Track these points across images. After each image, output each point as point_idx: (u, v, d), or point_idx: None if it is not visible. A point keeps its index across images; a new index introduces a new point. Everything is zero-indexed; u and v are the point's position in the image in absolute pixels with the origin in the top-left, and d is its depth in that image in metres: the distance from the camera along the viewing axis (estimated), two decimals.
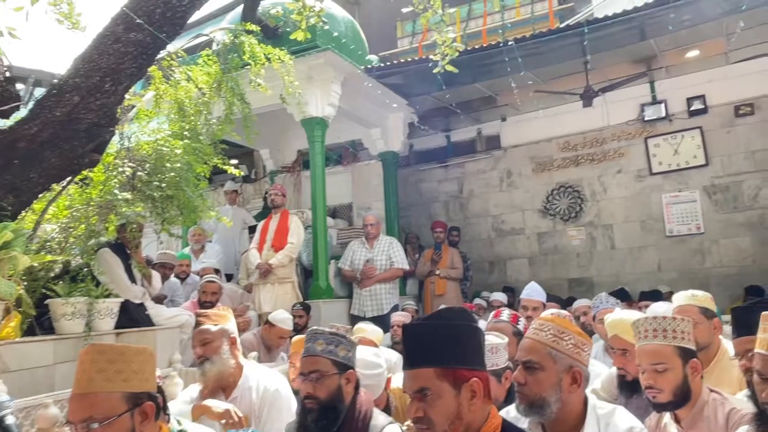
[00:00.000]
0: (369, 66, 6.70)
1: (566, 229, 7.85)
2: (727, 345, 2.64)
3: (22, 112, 3.92)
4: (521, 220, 8.18)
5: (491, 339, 2.27)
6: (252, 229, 6.53)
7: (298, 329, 4.56)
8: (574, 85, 6.78)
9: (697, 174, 7.19)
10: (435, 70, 4.65)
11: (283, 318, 4.36)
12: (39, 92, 4.01)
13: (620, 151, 7.61)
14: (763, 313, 1.56)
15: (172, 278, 5.23)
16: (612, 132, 7.66)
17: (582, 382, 1.80)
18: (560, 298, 5.19)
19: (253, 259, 5.79)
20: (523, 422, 1.86)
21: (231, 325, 2.67)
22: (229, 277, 6.34)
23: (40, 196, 3.90)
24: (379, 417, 2.00)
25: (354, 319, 5.99)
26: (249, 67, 4.92)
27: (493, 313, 3.03)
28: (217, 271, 5.88)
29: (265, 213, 6.81)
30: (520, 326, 2.86)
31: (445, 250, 7.20)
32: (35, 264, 3.52)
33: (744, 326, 2.07)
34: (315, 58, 5.93)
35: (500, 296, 6.33)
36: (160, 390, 2.09)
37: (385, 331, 4.32)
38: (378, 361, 2.48)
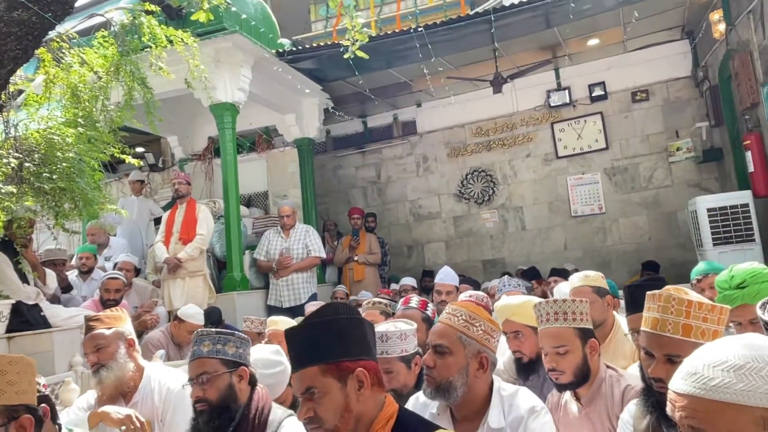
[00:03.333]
0: (280, 50, 6.53)
1: (480, 212, 8.09)
2: (621, 320, 2.81)
3: None
4: (437, 204, 8.33)
5: (400, 326, 2.28)
6: (158, 221, 6.23)
7: None
8: (484, 71, 6.93)
9: (598, 157, 7.60)
10: (345, 56, 4.58)
11: (192, 313, 4.20)
12: None
13: (529, 136, 7.90)
14: (648, 292, 1.64)
15: (71, 275, 4.89)
16: (521, 117, 7.94)
17: (489, 367, 1.85)
18: (475, 280, 5.33)
19: (160, 253, 5.52)
20: (432, 406, 1.89)
21: (127, 326, 2.53)
22: (136, 272, 6.02)
23: None
24: (277, 411, 1.97)
25: (271, 310, 5.88)
26: (150, 49, 4.65)
27: (402, 300, 3.05)
28: (137, 270, 5.57)
29: (172, 203, 6.52)
30: (429, 312, 2.90)
31: (362, 236, 7.21)
32: None
33: (636, 303, 2.19)
34: (222, 40, 5.69)
35: (410, 281, 6.42)
36: (46, 399, 1.94)
37: None
38: (279, 359, 2.43)
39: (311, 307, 4.67)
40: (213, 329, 2.05)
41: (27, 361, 1.46)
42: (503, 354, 2.60)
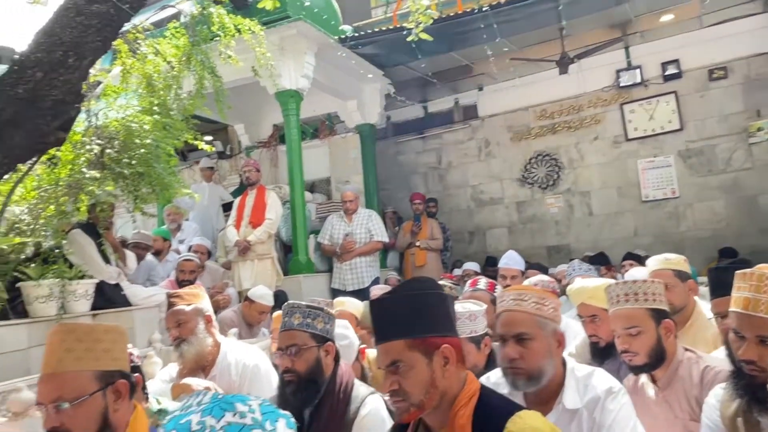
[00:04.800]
0: (343, 36, 6.57)
1: (544, 197, 7.90)
2: (702, 305, 2.68)
3: None
4: (500, 189, 8.20)
5: (469, 306, 2.26)
6: (227, 207, 6.43)
7: None
8: (549, 52, 6.74)
9: (672, 139, 7.25)
10: (409, 38, 4.55)
11: (262, 294, 4.33)
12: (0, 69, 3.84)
13: (596, 118, 7.63)
14: (738, 272, 1.57)
15: (149, 257, 5.15)
16: (588, 99, 7.67)
17: (564, 344, 1.81)
18: (541, 265, 5.22)
19: (231, 236, 5.72)
20: (504, 386, 1.87)
21: (205, 303, 2.63)
22: (208, 255, 6.26)
23: (6, 177, 3.77)
24: (360, 388, 2.00)
25: (335, 293, 5.98)
26: (219, 39, 4.78)
27: (470, 281, 3.03)
28: (209, 253, 5.81)
29: (241, 189, 6.72)
30: (497, 294, 2.86)
31: (424, 221, 7.20)
32: (4, 246, 3.43)
33: (721, 287, 2.09)
34: (287, 28, 5.79)
35: (473, 266, 6.36)
36: (138, 369, 2.06)
37: None
38: (346, 333, 2.47)
39: (376, 290, 4.72)
40: (303, 302, 2.08)
41: (120, 330, 1.55)
42: (575, 337, 2.54)
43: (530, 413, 1.37)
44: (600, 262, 5.68)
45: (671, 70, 7.24)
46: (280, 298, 4.82)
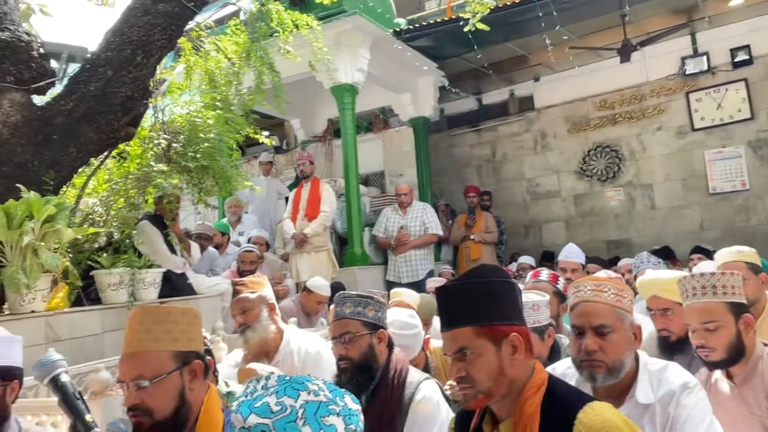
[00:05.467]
0: (397, 29, 6.57)
1: (604, 190, 7.67)
2: None
3: (58, 89, 3.98)
4: (557, 182, 8.02)
5: (532, 297, 2.23)
6: (286, 200, 6.56)
7: None
8: (610, 40, 6.53)
9: (741, 128, 6.90)
10: (466, 28, 4.52)
11: (320, 284, 4.40)
12: (72, 68, 4.05)
13: (660, 108, 7.34)
14: None
15: (211, 248, 5.32)
16: (651, 88, 7.39)
17: (640, 337, 1.76)
18: (601, 258, 5.08)
19: (288, 229, 5.84)
20: (571, 378, 1.83)
21: (268, 291, 2.70)
22: (267, 247, 6.42)
23: (80, 170, 3.98)
24: (414, 374, 2.01)
25: (390, 285, 6.01)
26: (277, 35, 4.88)
27: (531, 273, 2.98)
28: (267, 244, 5.95)
29: (297, 183, 6.84)
30: (560, 286, 2.81)
31: (478, 214, 7.13)
32: (79, 236, 3.61)
33: None
34: (343, 23, 5.84)
35: (528, 260, 6.25)
36: (209, 352, 2.13)
37: None
38: (413, 322, 2.49)
39: (432, 283, 4.72)
40: (354, 292, 2.12)
41: (196, 313, 1.60)
42: (643, 331, 2.45)
43: (602, 404, 1.34)
44: (665, 256, 5.44)
45: (741, 56, 6.87)
46: (337, 289, 4.89)
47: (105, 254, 3.73)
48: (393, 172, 8.01)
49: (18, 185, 3.19)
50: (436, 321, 3.73)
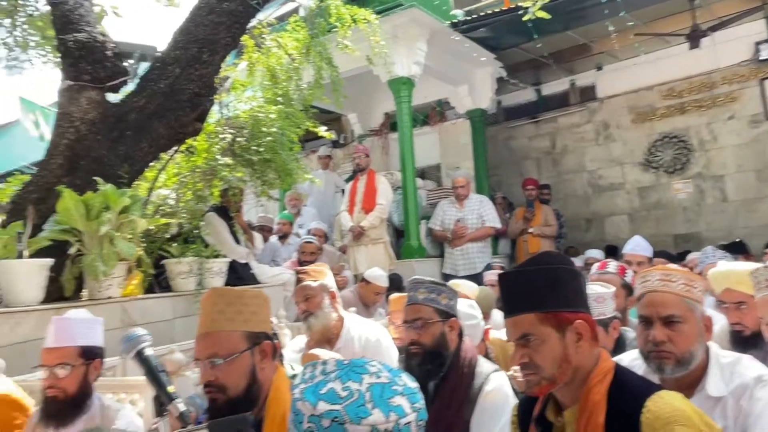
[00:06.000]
0: (454, 21, 6.52)
1: (671, 182, 7.37)
2: None
3: (130, 87, 4.19)
4: (620, 174, 7.77)
5: (596, 288, 2.19)
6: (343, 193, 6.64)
7: None
8: (678, 25, 6.25)
9: None
10: (525, 17, 4.45)
11: (378, 275, 4.46)
12: (143, 67, 4.25)
13: (732, 96, 6.98)
14: None
15: (273, 239, 5.47)
16: (722, 75, 7.03)
17: (711, 329, 1.71)
18: (668, 252, 4.89)
19: (345, 221, 5.93)
20: (638, 369, 1.78)
21: (329, 280, 2.76)
22: (325, 239, 6.53)
23: (151, 164, 4.18)
24: (484, 364, 2.00)
25: (447, 278, 6.00)
26: (336, 30, 4.95)
27: (598, 264, 2.91)
28: (326, 236, 6.07)
29: (354, 176, 6.92)
30: (628, 278, 2.73)
31: (537, 207, 6.99)
32: (152, 227, 3.80)
33: None
34: (399, 16, 5.86)
35: (596, 253, 6.08)
36: (275, 335, 2.21)
37: None
38: (473, 312, 2.48)
39: (490, 276, 4.69)
40: (428, 278, 2.10)
41: (265, 296, 1.67)
42: (715, 324, 2.36)
43: (672, 393, 1.31)
44: (737, 250, 5.19)
45: None
46: (394, 280, 4.93)
47: (175, 244, 3.91)
48: (449, 165, 7.98)
49: (95, 178, 3.38)
50: (495, 313, 3.72)
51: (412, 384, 0.98)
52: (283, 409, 1.48)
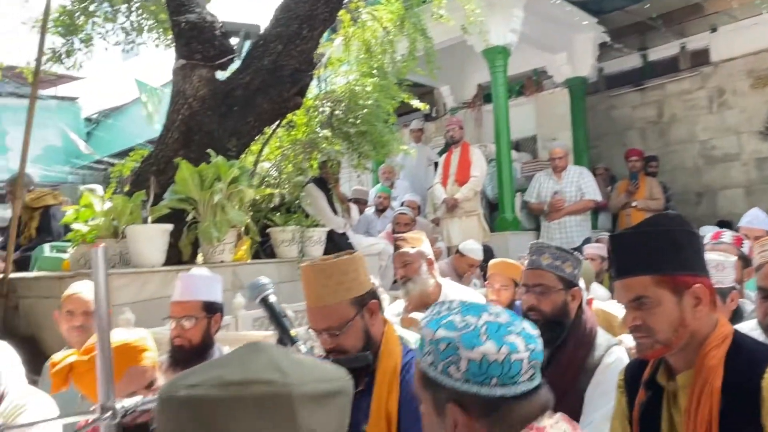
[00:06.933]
0: None
1: None
2: None
3: (236, 64, 4.41)
4: (736, 144, 7.18)
5: (715, 256, 2.06)
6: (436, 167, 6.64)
7: None
8: None
9: None
10: None
11: (473, 248, 4.45)
12: (248, 44, 4.45)
13: None
14: None
15: (368, 211, 5.60)
16: None
17: None
18: None
19: (438, 194, 5.93)
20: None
21: (426, 247, 2.80)
22: (418, 211, 6.59)
23: (256, 138, 4.40)
24: (602, 335, 1.92)
25: None
26: (430, 0, 4.92)
27: (711, 234, 2.75)
28: (419, 209, 6.14)
29: (446, 149, 6.89)
30: (744, 250, 2.56)
31: (642, 180, 6.62)
32: (257, 197, 4.02)
33: None
34: None
35: (708, 230, 5.66)
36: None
37: None
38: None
39: (590, 249, 4.55)
40: (554, 245, 2.00)
41: (359, 256, 1.70)
42: None
43: None
44: None
45: None
46: (488, 253, 4.91)
47: (278, 213, 4.12)
48: (546, 136, 7.73)
49: (208, 151, 3.62)
50: (594, 287, 3.62)
51: (533, 331, 1.03)
52: (394, 361, 1.55)
